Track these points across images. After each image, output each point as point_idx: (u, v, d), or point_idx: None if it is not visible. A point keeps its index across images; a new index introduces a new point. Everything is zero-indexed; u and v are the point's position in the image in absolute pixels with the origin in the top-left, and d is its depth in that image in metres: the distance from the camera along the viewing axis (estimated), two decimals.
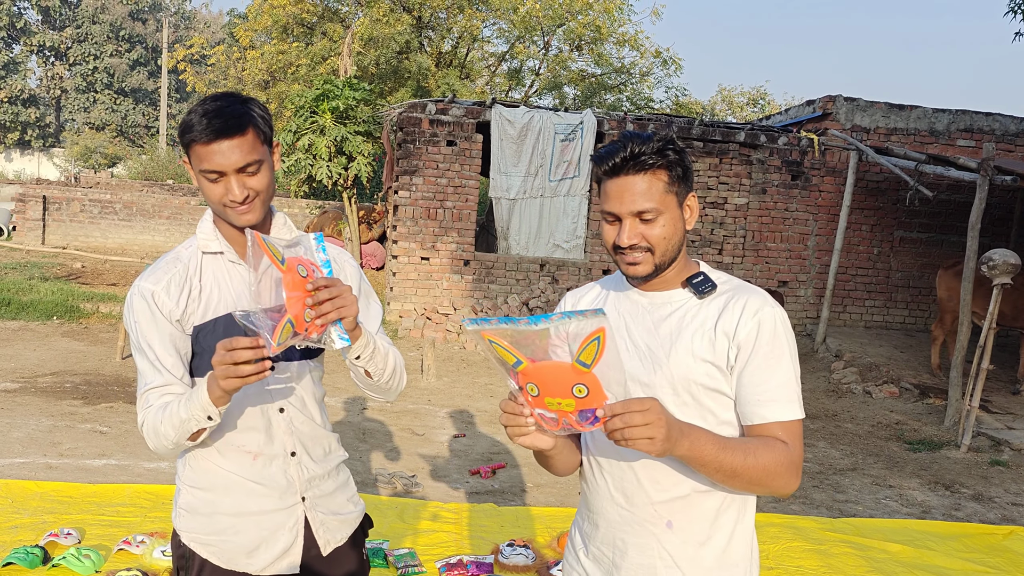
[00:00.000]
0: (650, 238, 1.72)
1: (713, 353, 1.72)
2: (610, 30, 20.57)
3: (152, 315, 1.92)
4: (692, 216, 1.80)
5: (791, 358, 1.73)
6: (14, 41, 43.28)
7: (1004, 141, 11.17)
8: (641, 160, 1.69)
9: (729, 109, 34.18)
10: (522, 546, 4.22)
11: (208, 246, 1.99)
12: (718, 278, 1.82)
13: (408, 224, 10.65)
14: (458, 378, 8.31)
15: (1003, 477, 6.26)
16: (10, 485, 4.72)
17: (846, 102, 10.99)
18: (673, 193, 1.74)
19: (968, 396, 6.90)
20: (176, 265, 1.97)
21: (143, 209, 17.34)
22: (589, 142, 10.69)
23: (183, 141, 1.89)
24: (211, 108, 1.86)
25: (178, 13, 47.27)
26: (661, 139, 1.72)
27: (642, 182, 1.71)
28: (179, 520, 2.07)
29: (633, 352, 1.80)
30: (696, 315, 1.77)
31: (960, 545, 4.80)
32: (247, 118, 1.87)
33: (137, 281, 1.97)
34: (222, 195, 1.88)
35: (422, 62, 18.58)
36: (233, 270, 2.00)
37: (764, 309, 1.72)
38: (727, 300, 1.76)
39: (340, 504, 2.17)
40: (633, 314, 1.84)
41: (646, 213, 1.71)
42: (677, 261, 1.79)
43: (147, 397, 1.92)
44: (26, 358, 7.90)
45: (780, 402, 1.69)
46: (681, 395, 1.73)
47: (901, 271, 11.58)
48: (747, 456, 1.63)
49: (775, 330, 1.72)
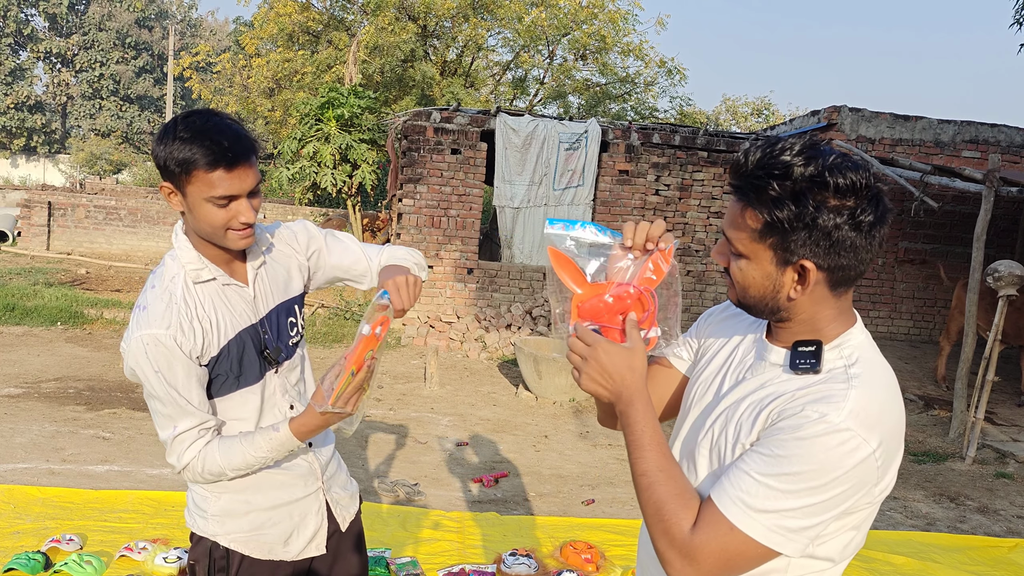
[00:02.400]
0: (731, 271, 1.41)
1: (748, 436, 1.39)
2: (615, 40, 20.62)
3: (174, 359, 1.87)
4: (803, 290, 1.34)
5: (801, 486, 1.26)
6: (21, 47, 43.45)
7: (1010, 152, 11.16)
8: (739, 186, 1.34)
9: (733, 119, 34.19)
10: (525, 555, 4.20)
11: (199, 276, 1.94)
12: (835, 360, 1.37)
13: (412, 232, 10.65)
14: (461, 386, 8.30)
15: (1008, 490, 6.23)
16: (12, 490, 4.72)
17: (851, 113, 10.99)
18: (766, 246, 1.32)
19: (973, 408, 6.87)
20: (173, 303, 1.90)
21: (148, 215, 17.37)
22: (593, 151, 10.70)
23: (181, 168, 1.79)
24: (214, 130, 1.80)
25: (184, 21, 47.44)
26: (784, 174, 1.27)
27: (735, 207, 1.36)
28: (214, 525, 2.08)
29: (714, 384, 1.55)
30: (771, 388, 1.40)
31: (965, 558, 4.78)
32: (251, 139, 1.86)
33: (141, 329, 1.86)
34: (227, 220, 1.85)
35: (427, 71, 18.62)
36: (229, 292, 1.99)
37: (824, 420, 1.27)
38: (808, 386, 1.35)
39: (344, 480, 2.33)
40: (744, 353, 1.54)
41: (730, 243, 1.39)
42: (794, 323, 1.40)
43: (181, 441, 1.91)
44: (30, 363, 7.90)
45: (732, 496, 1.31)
46: (712, 456, 1.46)
47: (906, 282, 11.55)
48: (656, 475, 1.36)
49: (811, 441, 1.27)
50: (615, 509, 5.28)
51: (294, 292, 2.15)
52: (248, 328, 2.00)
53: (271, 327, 2.06)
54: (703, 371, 1.61)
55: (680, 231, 11.19)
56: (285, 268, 2.14)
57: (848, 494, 1.27)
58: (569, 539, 4.53)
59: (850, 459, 1.25)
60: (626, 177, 10.93)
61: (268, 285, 2.08)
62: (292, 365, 2.14)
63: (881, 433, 1.28)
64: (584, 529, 4.79)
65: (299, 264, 2.18)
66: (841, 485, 1.26)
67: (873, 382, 1.33)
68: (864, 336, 1.41)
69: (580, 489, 5.63)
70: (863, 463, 1.26)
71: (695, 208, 11.16)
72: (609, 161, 10.88)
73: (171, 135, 1.79)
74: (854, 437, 1.25)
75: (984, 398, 6.78)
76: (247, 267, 2.04)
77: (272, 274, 2.10)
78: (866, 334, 1.43)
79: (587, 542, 4.45)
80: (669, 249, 1.44)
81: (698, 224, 11.20)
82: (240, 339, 1.98)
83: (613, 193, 10.91)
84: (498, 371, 9.16)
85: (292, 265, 2.16)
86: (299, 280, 2.17)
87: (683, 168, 11.06)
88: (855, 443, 1.25)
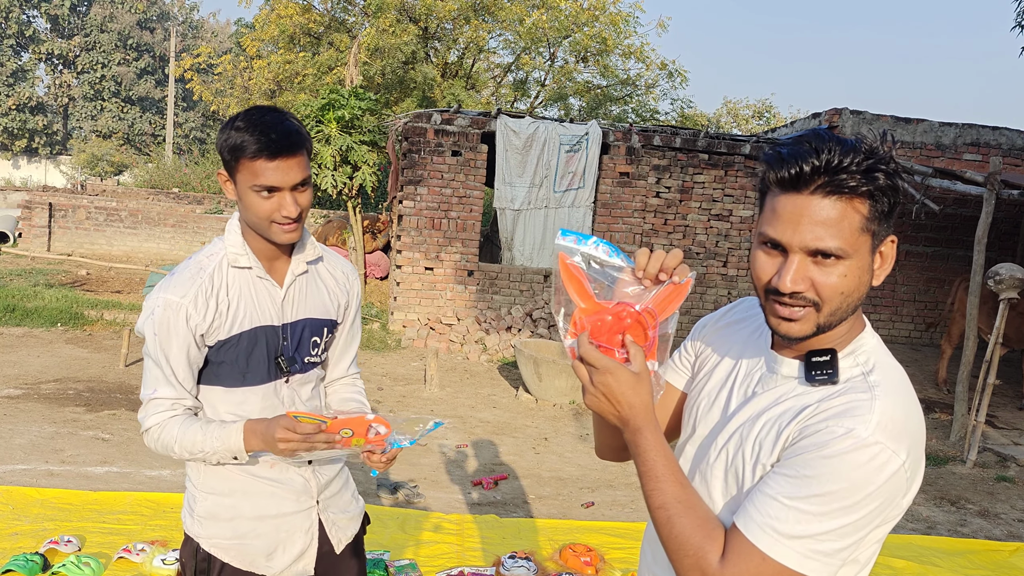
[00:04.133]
0: (821, 288, 1.26)
1: (769, 456, 1.32)
2: (616, 42, 20.60)
3: (175, 328, 1.91)
4: (884, 268, 1.33)
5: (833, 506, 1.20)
6: (23, 49, 43.50)
7: (1011, 155, 11.16)
8: (840, 178, 1.23)
9: (734, 121, 34.19)
10: (524, 558, 4.19)
11: (237, 260, 1.99)
12: (851, 368, 1.33)
13: (412, 234, 10.65)
14: (461, 388, 8.29)
15: (1009, 493, 6.22)
16: (11, 492, 4.71)
17: (852, 115, 10.99)
18: (870, 233, 1.26)
19: (974, 411, 6.86)
20: (200, 276, 1.95)
21: (148, 217, 17.37)
22: (594, 153, 10.69)
23: (231, 155, 1.87)
24: (267, 123, 1.86)
25: (186, 22, 47.49)
26: (871, 152, 1.25)
27: (832, 209, 1.24)
28: (198, 527, 2.08)
29: (720, 399, 1.49)
30: (788, 403, 1.34)
31: (966, 561, 4.77)
32: (303, 136, 1.90)
33: (161, 292, 1.93)
34: (272, 211, 1.89)
35: (428, 72, 18.62)
36: (260, 285, 2.02)
37: (852, 435, 1.21)
38: (828, 399, 1.29)
39: (347, 502, 2.25)
40: (750, 365, 1.47)
41: (821, 253, 1.25)
42: (843, 324, 1.33)
43: (155, 404, 1.95)
44: (30, 364, 7.89)
45: (761, 523, 1.24)
46: (729, 478, 1.40)
47: (907, 285, 11.55)
48: (675, 507, 1.30)
49: (839, 459, 1.21)
50: (615, 512, 5.27)
51: (328, 315, 2.15)
52: (267, 327, 2.01)
53: (292, 336, 2.06)
54: (704, 384, 1.54)
55: (681, 233, 11.18)
56: (328, 290, 2.15)
57: (880, 509, 1.23)
58: (568, 542, 4.52)
59: (882, 474, 1.20)
60: (627, 179, 10.93)
61: (304, 295, 2.09)
62: (306, 379, 2.12)
63: (908, 442, 1.24)
64: (583, 532, 4.78)
65: (339, 298, 2.19)
66: (874, 501, 1.21)
67: (894, 389, 1.29)
68: (876, 340, 1.38)
69: (580, 492, 5.62)
70: (894, 476, 1.21)
71: (696, 210, 11.15)
72: (610, 163, 10.87)
73: (230, 125, 1.88)
74: (884, 450, 1.20)
75: (985, 401, 6.77)
76: (288, 269, 2.05)
77: (312, 287, 2.11)
78: (877, 338, 1.39)
79: (586, 545, 4.45)
80: (686, 283, 1.35)
81: (699, 226, 11.19)
82: (255, 335, 1.99)
83: (614, 195, 10.91)
84: (498, 373, 9.15)
85: (335, 293, 2.18)
86: (333, 308, 2.17)
87: (684, 170, 11.06)
88: (885, 456, 1.20)
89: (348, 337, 2.26)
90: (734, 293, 11.21)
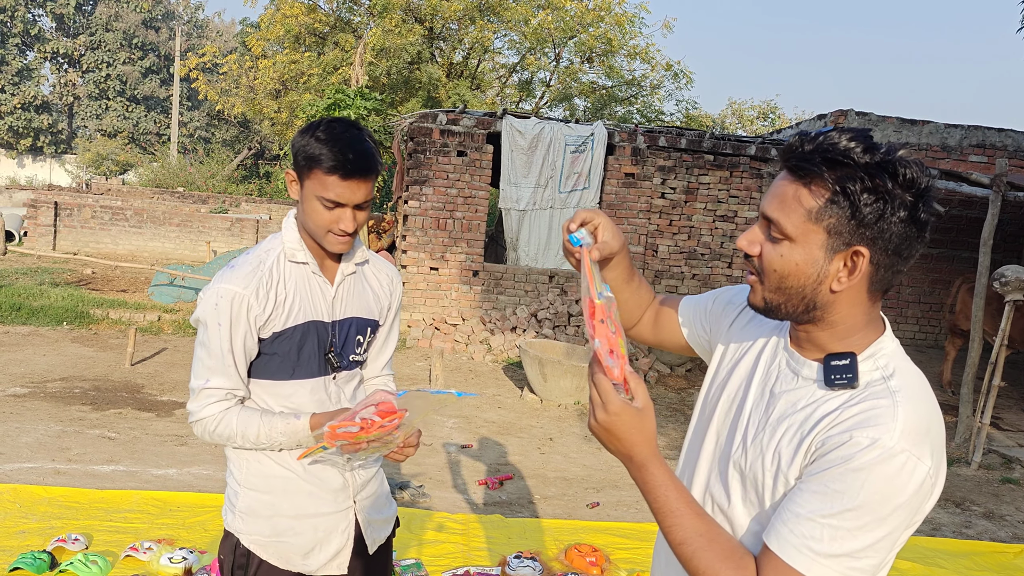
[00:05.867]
0: (763, 259, 1.32)
1: (790, 466, 1.30)
2: (621, 43, 20.60)
3: (238, 318, 1.97)
4: (849, 278, 1.28)
5: (866, 519, 1.19)
6: (28, 48, 43.57)
7: (1017, 157, 11.13)
8: (799, 165, 1.26)
9: (739, 123, 34.16)
10: (529, 558, 4.20)
11: (295, 255, 2.05)
12: (871, 372, 1.30)
13: (418, 234, 10.66)
14: (465, 388, 8.30)
15: (1014, 495, 6.22)
16: (18, 490, 4.72)
17: (858, 116, 10.97)
18: (820, 227, 1.25)
19: (979, 413, 6.86)
20: (261, 269, 2.01)
21: (153, 216, 17.40)
22: (599, 154, 10.70)
23: (306, 162, 1.92)
24: (349, 140, 1.90)
25: (191, 22, 47.53)
26: (836, 149, 1.23)
27: (789, 187, 1.28)
28: (239, 523, 2.12)
29: (738, 396, 1.47)
30: (808, 409, 1.32)
31: (970, 563, 4.77)
32: (376, 160, 1.96)
33: (221, 283, 1.98)
34: (331, 223, 1.96)
35: (433, 73, 18.63)
36: (314, 281, 2.08)
37: (878, 446, 1.20)
38: (849, 405, 1.27)
39: (382, 504, 2.30)
40: (768, 361, 1.45)
41: (772, 226, 1.30)
42: (826, 325, 1.32)
43: (208, 394, 1.99)
44: (36, 363, 7.91)
45: (796, 544, 1.23)
46: (747, 483, 1.38)
47: (912, 286, 11.53)
48: (697, 541, 1.27)
49: (868, 471, 1.20)
50: (620, 512, 5.28)
51: (372, 315, 2.21)
52: (319, 323, 2.07)
53: (340, 333, 2.12)
54: (728, 379, 1.52)
55: (686, 235, 11.18)
56: (373, 292, 2.22)
57: (908, 517, 1.22)
58: (574, 542, 4.53)
59: (911, 483, 1.20)
60: (632, 180, 10.93)
61: (352, 294, 2.15)
62: (351, 376, 2.19)
63: (932, 447, 1.23)
64: (589, 532, 4.78)
65: (382, 300, 2.25)
66: (904, 511, 1.21)
67: (915, 394, 1.27)
68: (895, 344, 1.36)
69: (585, 492, 5.62)
70: (922, 483, 1.21)
71: (701, 211, 11.15)
72: (615, 164, 10.88)
73: (311, 132, 1.93)
74: (910, 458, 1.20)
75: (990, 403, 6.76)
76: (338, 269, 2.12)
77: (358, 288, 2.17)
78: (896, 342, 1.37)
79: (592, 545, 4.45)
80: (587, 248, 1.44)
81: (704, 227, 11.18)
82: (307, 328, 2.05)
83: (619, 196, 10.91)
84: (503, 373, 9.16)
85: (379, 295, 2.24)
86: (377, 310, 2.23)
87: (689, 171, 11.05)
88: (911, 464, 1.20)
89: (386, 338, 2.32)
90: None
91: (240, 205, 22.30)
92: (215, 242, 16.91)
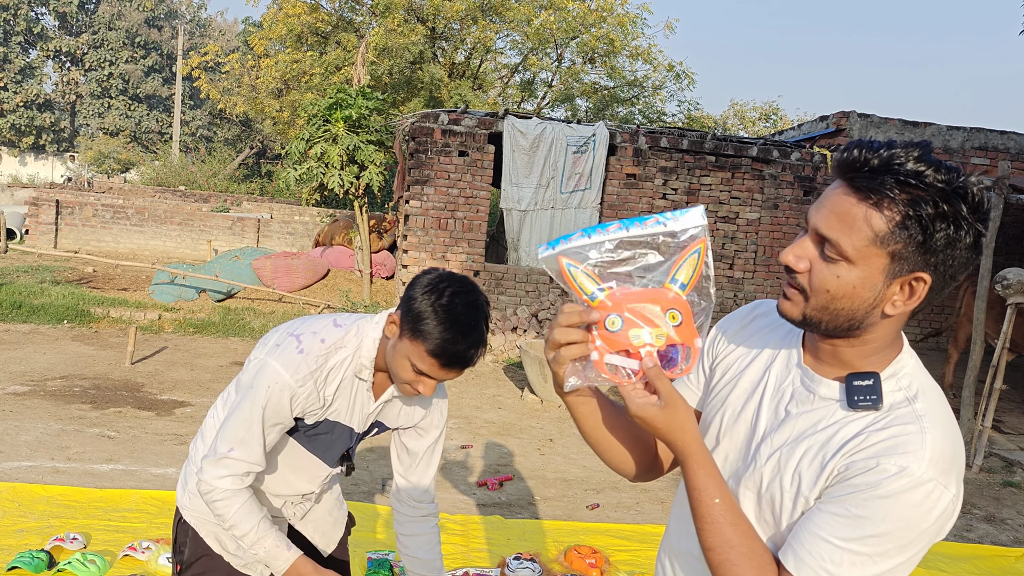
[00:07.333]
0: (813, 277, 1.23)
1: (812, 489, 1.27)
2: (623, 43, 20.60)
3: (280, 410, 2.00)
4: (907, 303, 1.21)
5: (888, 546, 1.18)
6: (31, 46, 43.61)
7: (1019, 160, 11.12)
8: (862, 178, 1.17)
9: (741, 124, 34.16)
10: (529, 560, 4.19)
11: (361, 372, 2.07)
12: (894, 393, 1.26)
13: (419, 234, 10.65)
14: (466, 388, 8.29)
15: (1015, 499, 6.20)
16: (17, 488, 4.71)
17: (860, 118, 10.97)
18: (887, 253, 1.17)
19: (980, 416, 6.84)
20: (322, 369, 2.01)
21: (155, 215, 17.39)
22: (601, 155, 10.69)
23: (414, 327, 1.87)
24: (464, 327, 1.86)
25: (193, 21, 47.58)
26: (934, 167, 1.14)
27: (854, 207, 1.18)
28: (186, 499, 2.26)
29: (748, 411, 1.41)
30: (830, 431, 1.28)
31: (971, 567, 4.75)
32: (480, 352, 1.93)
33: (282, 361, 1.98)
34: (411, 380, 1.95)
35: (435, 72, 18.63)
36: (362, 394, 2.12)
37: (906, 475, 1.17)
38: (875, 430, 1.23)
39: (331, 507, 2.43)
40: (780, 376, 1.39)
41: (828, 245, 1.21)
42: (859, 342, 1.27)
43: (229, 465, 2.01)
44: (36, 361, 7.91)
45: (815, 567, 1.21)
46: (763, 504, 1.35)
47: None
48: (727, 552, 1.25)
49: (894, 499, 1.17)
50: (620, 514, 5.27)
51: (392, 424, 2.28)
52: (349, 429, 2.16)
53: (355, 442, 2.23)
54: (729, 393, 1.46)
55: None
56: (414, 408, 2.26)
57: (929, 542, 1.21)
58: (574, 543, 4.52)
59: (936, 511, 1.18)
60: (634, 181, 10.92)
61: (386, 408, 2.21)
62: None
63: (957, 474, 1.21)
64: (589, 534, 4.77)
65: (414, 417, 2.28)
66: (926, 537, 1.20)
67: (940, 419, 1.25)
68: (915, 360, 1.32)
69: (585, 493, 5.61)
70: (945, 509, 1.19)
71: None
72: (617, 165, 10.86)
73: (434, 296, 1.87)
74: (936, 487, 1.18)
75: (992, 406, 6.75)
76: (389, 388, 2.14)
77: (397, 404, 2.22)
78: (915, 357, 1.33)
79: (591, 547, 4.44)
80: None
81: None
82: (339, 429, 2.14)
83: (620, 197, 10.90)
84: (503, 374, 9.15)
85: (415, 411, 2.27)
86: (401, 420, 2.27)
87: (691, 172, 11.04)
88: (938, 493, 1.18)
89: (429, 459, 2.36)
90: (740, 295, 11.19)
91: (242, 204, 22.28)
92: (216, 241, 16.90)
